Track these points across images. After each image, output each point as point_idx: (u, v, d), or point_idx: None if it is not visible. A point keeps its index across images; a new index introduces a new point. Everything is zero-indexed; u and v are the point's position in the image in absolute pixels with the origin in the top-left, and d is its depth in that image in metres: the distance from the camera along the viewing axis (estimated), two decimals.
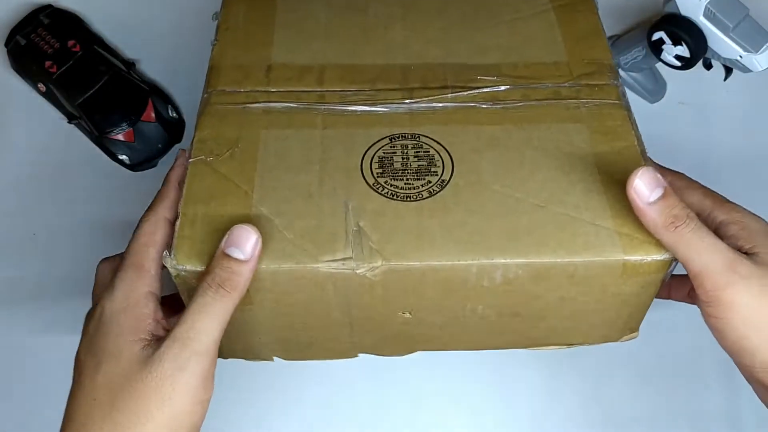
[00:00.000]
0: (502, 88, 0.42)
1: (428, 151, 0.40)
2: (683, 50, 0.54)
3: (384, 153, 0.39)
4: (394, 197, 0.38)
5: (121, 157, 0.58)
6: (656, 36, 0.55)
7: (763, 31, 0.52)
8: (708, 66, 0.56)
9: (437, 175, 0.39)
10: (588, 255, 0.36)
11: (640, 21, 0.65)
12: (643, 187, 0.35)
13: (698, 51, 0.53)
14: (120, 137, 0.58)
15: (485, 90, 0.42)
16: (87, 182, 0.59)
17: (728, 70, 0.55)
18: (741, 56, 0.52)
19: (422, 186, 0.38)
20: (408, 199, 0.38)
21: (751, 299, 0.34)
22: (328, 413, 0.56)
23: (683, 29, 0.53)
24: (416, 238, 0.36)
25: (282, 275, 0.36)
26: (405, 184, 0.38)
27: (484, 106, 0.42)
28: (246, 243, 0.34)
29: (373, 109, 0.41)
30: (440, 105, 0.42)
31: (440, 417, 0.57)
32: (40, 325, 0.56)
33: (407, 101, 0.42)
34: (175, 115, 0.60)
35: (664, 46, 0.55)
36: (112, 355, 0.33)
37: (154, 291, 0.36)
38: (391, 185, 0.38)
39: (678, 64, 0.56)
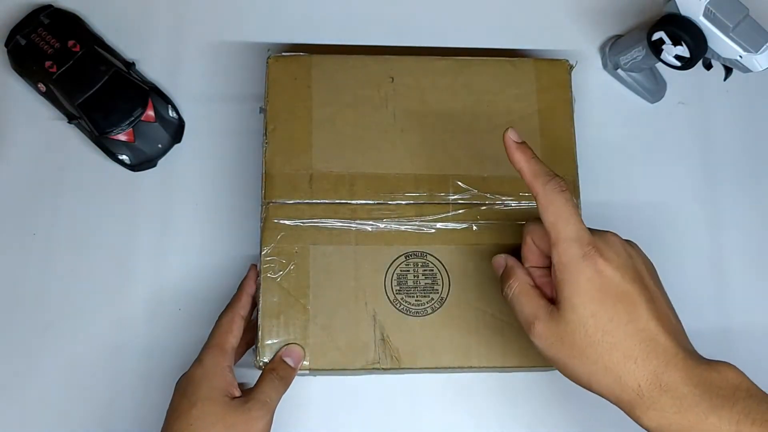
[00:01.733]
0: (490, 207, 0.53)
1: (432, 270, 0.52)
2: (683, 50, 0.54)
3: (401, 271, 0.52)
4: (408, 313, 0.51)
5: (121, 157, 0.58)
6: (656, 36, 0.55)
7: (763, 31, 0.52)
8: (708, 66, 0.56)
9: (438, 293, 0.52)
10: (534, 363, 0.51)
11: (640, 21, 0.65)
12: (495, 268, 0.48)
13: (698, 51, 0.53)
14: (120, 137, 0.58)
15: (477, 209, 0.53)
16: (87, 182, 0.59)
17: (728, 70, 0.55)
18: (741, 56, 0.52)
19: (427, 303, 0.51)
20: (417, 314, 0.51)
21: (548, 350, 0.43)
22: (329, 412, 0.56)
23: (683, 29, 0.53)
24: (422, 348, 0.50)
25: (332, 373, 0.53)
26: (416, 300, 0.51)
27: (474, 227, 0.53)
28: (295, 356, 0.50)
29: (391, 226, 0.53)
30: (442, 225, 0.53)
31: (440, 417, 0.57)
32: (41, 324, 0.56)
33: (416, 220, 0.53)
34: (175, 115, 0.60)
35: (664, 46, 0.55)
36: (206, 399, 0.46)
37: (231, 365, 0.49)
38: (406, 302, 0.51)
39: (678, 64, 0.56)
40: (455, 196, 0.53)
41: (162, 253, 0.58)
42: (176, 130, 0.60)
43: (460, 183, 0.54)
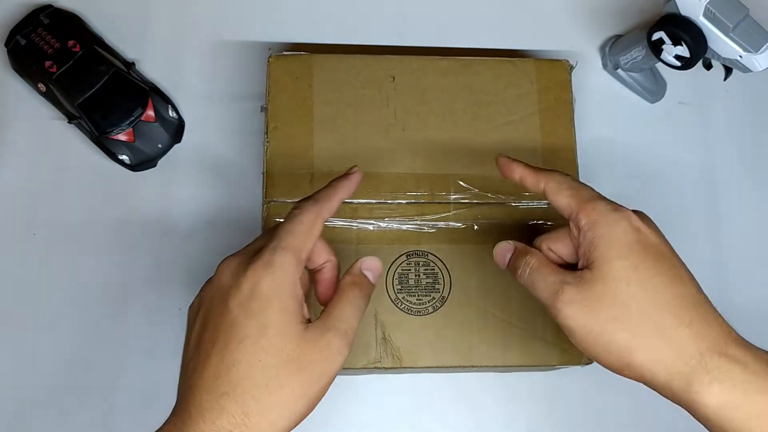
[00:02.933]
0: (491, 207, 0.53)
1: (434, 269, 0.52)
2: (683, 50, 0.54)
3: (402, 270, 0.52)
4: (409, 312, 0.51)
5: (121, 157, 0.58)
6: (656, 36, 0.55)
7: (763, 31, 0.52)
8: (708, 66, 0.56)
9: (439, 292, 0.51)
10: (535, 361, 0.51)
11: (640, 21, 0.65)
12: (498, 255, 0.44)
13: (698, 51, 0.53)
14: (120, 137, 0.58)
15: (477, 209, 0.53)
16: (87, 182, 0.59)
17: (728, 70, 0.55)
18: (741, 56, 0.52)
19: (429, 302, 0.51)
20: (419, 314, 0.51)
21: (580, 317, 0.37)
22: (330, 411, 0.56)
23: (683, 29, 0.53)
24: (423, 347, 0.50)
25: None
26: (417, 299, 0.51)
27: (475, 226, 0.53)
28: (376, 269, 0.41)
29: (393, 226, 0.52)
30: (443, 224, 0.53)
31: (441, 417, 0.57)
32: (42, 324, 0.56)
33: (417, 219, 0.53)
34: (175, 115, 0.60)
35: (664, 46, 0.55)
36: (278, 324, 0.36)
37: (302, 279, 0.39)
38: (407, 301, 0.51)
39: (678, 64, 0.56)
40: (456, 196, 0.53)
41: (162, 254, 0.58)
42: (176, 130, 0.60)
43: (461, 182, 0.54)
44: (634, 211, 0.40)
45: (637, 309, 0.36)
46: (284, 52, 0.56)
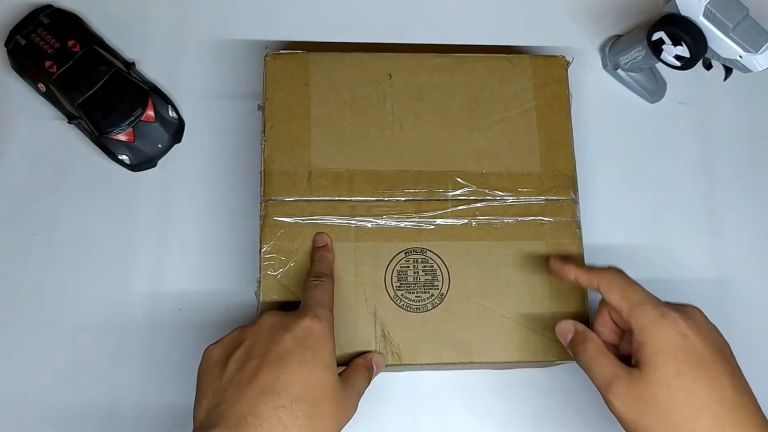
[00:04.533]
0: (489, 203, 0.54)
1: (432, 266, 0.52)
2: (683, 50, 0.54)
3: (401, 267, 0.52)
4: (408, 309, 0.51)
5: (121, 157, 0.58)
6: (656, 36, 0.55)
7: (763, 31, 0.52)
8: (708, 66, 0.56)
9: (438, 288, 0.52)
10: (534, 357, 0.51)
11: (640, 21, 0.65)
12: (560, 334, 0.48)
13: (698, 51, 0.53)
14: (120, 137, 0.58)
15: (476, 206, 0.53)
16: (87, 182, 0.59)
17: (728, 70, 0.55)
18: (741, 56, 0.52)
19: (428, 299, 0.51)
20: (418, 311, 0.51)
21: (627, 411, 0.41)
22: None
23: (683, 29, 0.53)
24: (423, 344, 0.50)
25: None
26: (416, 296, 0.51)
27: (473, 223, 0.53)
28: (380, 366, 0.49)
29: (391, 223, 0.53)
30: (441, 221, 0.53)
31: (440, 414, 0.57)
32: (42, 323, 0.56)
33: (416, 216, 0.53)
34: (175, 115, 0.60)
35: (664, 46, 0.55)
36: (328, 365, 0.43)
37: None
38: (406, 298, 0.51)
39: (678, 64, 0.56)
40: (454, 192, 0.53)
41: (162, 253, 0.58)
42: (176, 130, 0.60)
43: (458, 179, 0.54)
44: (684, 311, 0.42)
45: (676, 413, 0.39)
46: (281, 51, 0.56)
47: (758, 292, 0.61)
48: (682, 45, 0.54)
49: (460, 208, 0.53)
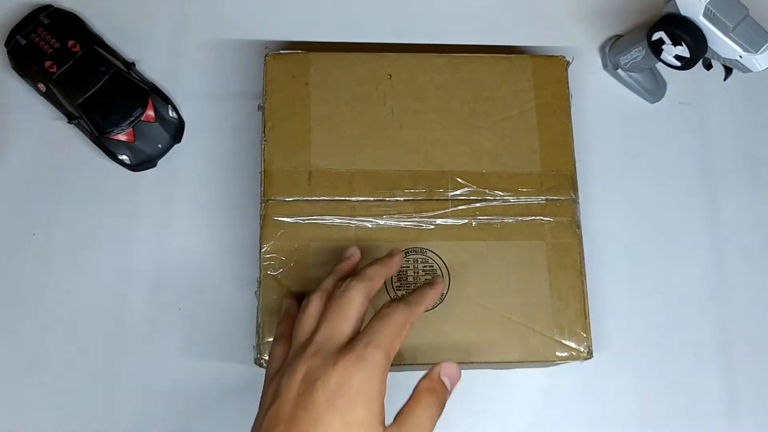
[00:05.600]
0: (489, 203, 0.54)
1: (432, 266, 0.52)
2: (683, 50, 0.54)
3: (401, 267, 0.51)
4: None
5: (121, 157, 0.58)
6: (656, 36, 0.55)
7: (763, 31, 0.52)
8: (708, 66, 0.56)
9: None
10: (534, 357, 0.51)
11: (640, 21, 0.65)
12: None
13: (698, 51, 0.53)
14: (120, 137, 0.58)
15: (476, 206, 0.53)
16: (87, 182, 0.59)
17: (728, 70, 0.55)
18: (741, 56, 0.52)
19: None
20: None
21: None
22: None
23: (683, 29, 0.53)
24: (423, 344, 0.50)
25: None
26: None
27: (474, 223, 0.53)
28: (454, 376, 0.40)
29: (391, 223, 0.53)
30: (441, 221, 0.53)
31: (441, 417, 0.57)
32: (41, 324, 0.56)
33: (416, 216, 0.53)
34: (175, 115, 0.60)
35: (664, 46, 0.55)
36: (362, 425, 0.36)
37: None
38: None
39: (678, 64, 0.56)
40: (454, 192, 0.54)
41: (162, 253, 0.58)
42: (176, 130, 0.60)
43: (458, 179, 0.54)
44: None
45: None
46: (281, 51, 0.56)
47: (758, 292, 0.61)
48: (682, 45, 0.54)
49: (460, 208, 0.53)
